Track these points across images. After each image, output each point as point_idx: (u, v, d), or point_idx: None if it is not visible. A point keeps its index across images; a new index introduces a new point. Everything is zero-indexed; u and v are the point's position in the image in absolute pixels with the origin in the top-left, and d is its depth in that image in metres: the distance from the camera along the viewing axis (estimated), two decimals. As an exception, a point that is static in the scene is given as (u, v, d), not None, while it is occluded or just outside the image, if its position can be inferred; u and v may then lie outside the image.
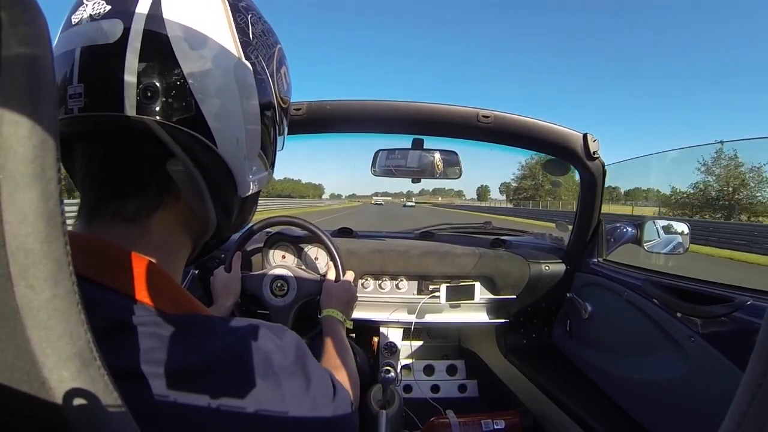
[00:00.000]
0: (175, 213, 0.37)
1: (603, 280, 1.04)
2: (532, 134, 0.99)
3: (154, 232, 0.36)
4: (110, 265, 0.32)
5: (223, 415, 0.29)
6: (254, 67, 0.37)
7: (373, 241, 1.29)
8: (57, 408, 0.19)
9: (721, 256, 10.17)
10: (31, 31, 0.18)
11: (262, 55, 0.38)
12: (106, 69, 0.31)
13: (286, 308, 0.95)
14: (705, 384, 0.70)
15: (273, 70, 0.40)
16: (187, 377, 0.29)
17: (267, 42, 0.39)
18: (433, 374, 1.43)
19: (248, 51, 0.36)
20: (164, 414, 0.28)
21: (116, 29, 0.31)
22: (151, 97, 0.31)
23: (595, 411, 0.92)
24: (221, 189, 0.37)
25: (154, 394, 0.28)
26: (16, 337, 0.18)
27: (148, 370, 0.28)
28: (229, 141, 0.35)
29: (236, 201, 0.40)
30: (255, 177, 0.40)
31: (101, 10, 0.32)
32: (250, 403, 0.30)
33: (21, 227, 0.17)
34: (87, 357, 0.20)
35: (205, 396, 0.29)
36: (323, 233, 1.00)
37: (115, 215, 0.34)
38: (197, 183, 0.35)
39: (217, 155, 0.35)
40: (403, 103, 0.96)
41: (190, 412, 0.28)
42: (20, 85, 0.17)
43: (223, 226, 0.40)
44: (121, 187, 0.34)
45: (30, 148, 0.17)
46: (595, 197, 1.07)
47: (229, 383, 0.31)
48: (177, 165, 0.34)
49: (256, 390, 0.31)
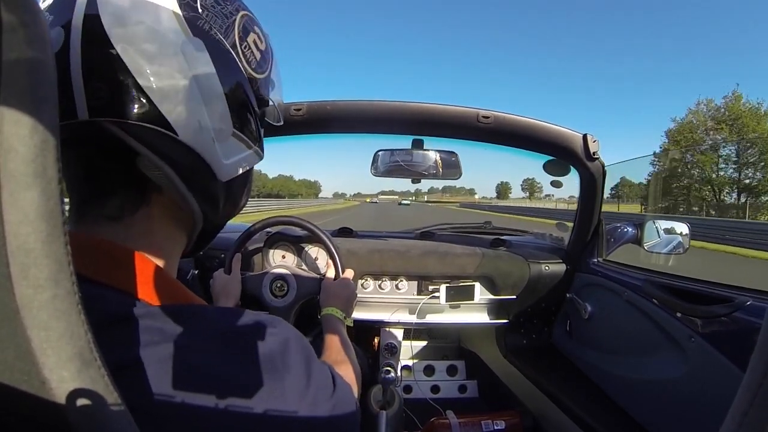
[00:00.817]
0: (160, 207, 0.36)
1: (603, 281, 1.04)
2: (532, 135, 0.99)
3: (141, 228, 0.35)
4: (103, 261, 0.32)
5: (222, 410, 0.30)
6: (207, 42, 0.34)
7: (373, 241, 1.29)
8: (57, 408, 0.19)
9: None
10: (32, 32, 0.18)
11: (216, 26, 0.35)
12: (59, 79, 0.31)
13: (287, 308, 0.95)
14: (705, 384, 0.70)
15: (234, 40, 0.37)
16: (185, 369, 0.29)
17: (222, 12, 0.36)
18: (433, 375, 1.43)
19: (198, 25, 0.34)
20: (161, 406, 0.28)
21: (58, 37, 0.30)
22: (99, 98, 0.31)
23: (595, 411, 0.92)
24: (196, 177, 0.36)
25: (151, 386, 0.28)
26: (17, 337, 0.18)
27: (147, 362, 0.28)
28: (190, 127, 0.33)
29: (219, 187, 0.38)
30: (235, 158, 0.38)
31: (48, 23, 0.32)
32: (248, 397, 0.31)
33: (21, 227, 0.17)
34: (87, 357, 0.20)
35: (204, 388, 0.29)
36: (322, 232, 1.00)
37: (99, 216, 0.34)
38: (169, 176, 0.34)
39: (181, 144, 0.33)
40: (403, 103, 0.96)
41: (186, 405, 0.28)
42: (21, 85, 0.17)
43: (211, 214, 0.39)
44: (96, 188, 0.34)
45: (31, 148, 0.17)
46: (595, 197, 1.07)
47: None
48: (143, 161, 0.33)
49: (255, 383, 0.31)
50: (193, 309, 0.34)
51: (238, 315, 0.35)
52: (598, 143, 0.99)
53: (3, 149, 0.17)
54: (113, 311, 0.30)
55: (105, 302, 0.30)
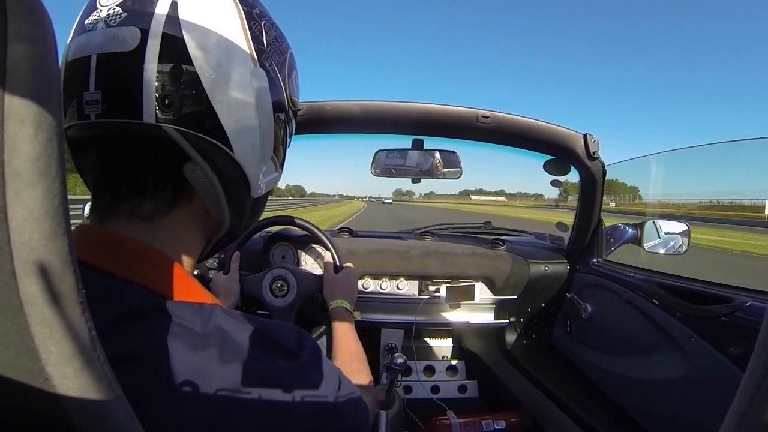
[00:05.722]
0: (188, 212, 0.38)
1: (603, 281, 1.04)
2: (532, 135, 0.99)
3: (169, 230, 0.36)
4: (128, 257, 0.33)
5: (228, 406, 0.30)
6: (268, 74, 0.38)
7: (373, 241, 1.29)
8: (60, 405, 0.19)
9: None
10: (36, 31, 0.18)
11: (276, 61, 0.39)
12: (125, 77, 0.32)
13: (287, 308, 0.94)
14: (705, 384, 0.70)
15: (285, 74, 0.41)
16: (197, 363, 0.30)
17: (279, 48, 0.40)
18: (433, 375, 1.43)
19: (263, 58, 0.37)
20: (172, 398, 0.28)
21: (134, 37, 0.31)
22: (169, 105, 0.32)
23: (595, 411, 0.92)
24: (236, 191, 0.38)
25: (165, 377, 0.28)
26: (20, 333, 0.18)
27: (163, 354, 0.29)
28: (245, 146, 0.36)
29: (249, 202, 0.41)
30: (267, 178, 0.42)
31: (117, 16, 0.32)
32: (256, 395, 0.31)
33: (26, 224, 0.17)
34: (90, 354, 0.20)
35: (216, 383, 0.30)
36: (320, 231, 1.00)
37: (132, 214, 0.35)
38: (213, 186, 0.36)
39: (233, 160, 0.36)
40: (403, 103, 0.96)
41: (200, 400, 0.29)
42: (26, 84, 0.17)
43: (236, 225, 0.41)
44: (137, 187, 0.35)
45: (36, 146, 0.18)
46: (596, 198, 1.07)
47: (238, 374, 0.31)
48: (194, 169, 0.35)
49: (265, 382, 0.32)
50: (213, 309, 0.35)
51: (253, 318, 0.36)
52: (598, 143, 0.99)
53: (8, 147, 0.17)
54: (135, 305, 0.30)
55: (128, 296, 0.31)
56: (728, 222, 22.63)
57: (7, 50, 0.17)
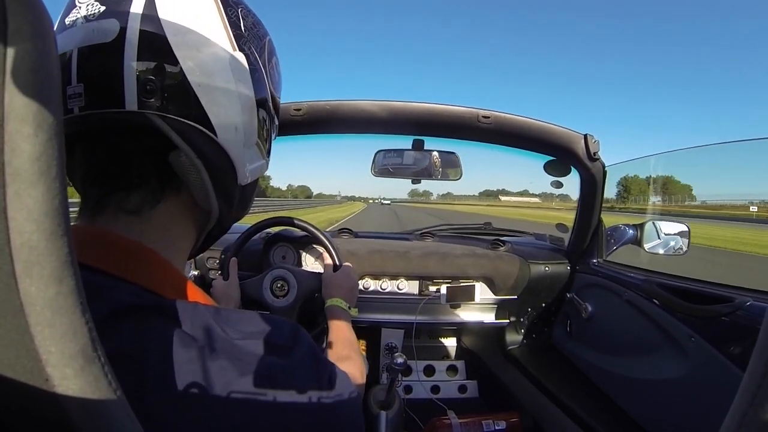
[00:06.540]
0: (176, 204, 0.38)
1: (603, 281, 1.04)
2: (532, 135, 0.99)
3: (158, 224, 0.36)
4: (117, 255, 0.33)
5: (224, 402, 0.30)
6: (248, 58, 0.38)
7: (374, 241, 1.29)
8: (60, 405, 0.19)
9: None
10: (35, 29, 0.18)
11: (254, 46, 0.40)
12: (106, 67, 0.32)
13: (289, 308, 0.94)
14: (705, 384, 0.70)
15: (265, 60, 0.41)
16: (188, 361, 0.29)
17: (257, 33, 0.41)
18: (433, 375, 1.43)
19: (241, 43, 0.38)
20: (164, 396, 0.28)
21: (113, 28, 0.32)
22: (151, 92, 0.32)
23: (595, 411, 0.92)
24: (222, 178, 0.38)
25: (156, 375, 0.28)
26: (21, 334, 0.18)
27: (153, 352, 0.29)
28: (228, 130, 0.36)
29: (237, 190, 0.41)
30: (254, 165, 0.41)
31: (96, 11, 0.32)
32: (251, 391, 0.31)
33: (26, 224, 0.17)
34: (90, 354, 0.20)
35: (205, 380, 0.29)
36: (320, 231, 1.00)
37: (119, 209, 0.35)
38: (200, 173, 0.36)
39: (217, 144, 0.36)
40: (403, 103, 0.96)
41: (189, 396, 0.29)
42: (25, 83, 0.17)
43: (225, 215, 0.41)
44: (123, 180, 0.35)
45: (36, 146, 0.17)
46: (596, 198, 1.07)
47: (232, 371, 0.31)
48: (179, 156, 0.34)
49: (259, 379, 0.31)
50: (200, 305, 0.34)
51: (244, 314, 0.36)
52: (598, 143, 0.99)
53: (8, 147, 0.17)
54: (125, 302, 0.30)
55: (118, 293, 0.30)
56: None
57: (7, 49, 0.17)
